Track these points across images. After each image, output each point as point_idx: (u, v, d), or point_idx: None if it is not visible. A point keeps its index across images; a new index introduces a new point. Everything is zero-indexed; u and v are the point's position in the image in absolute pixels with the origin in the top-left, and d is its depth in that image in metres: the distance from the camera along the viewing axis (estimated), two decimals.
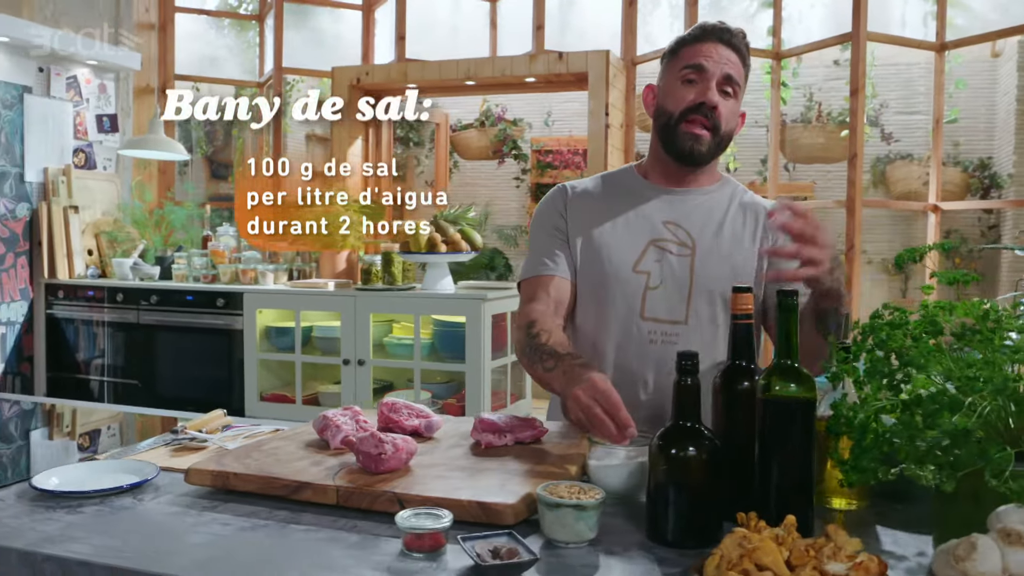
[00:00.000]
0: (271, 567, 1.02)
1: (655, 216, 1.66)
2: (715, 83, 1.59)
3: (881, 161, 6.79)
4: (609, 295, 1.64)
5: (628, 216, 1.67)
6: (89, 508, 1.23)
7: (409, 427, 1.48)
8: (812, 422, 1.09)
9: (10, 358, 4.16)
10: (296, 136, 7.79)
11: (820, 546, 0.92)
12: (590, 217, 1.69)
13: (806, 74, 6.61)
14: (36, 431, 1.93)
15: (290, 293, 3.84)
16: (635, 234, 1.65)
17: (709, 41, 1.61)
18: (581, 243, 1.68)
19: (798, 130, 6.51)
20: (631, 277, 1.63)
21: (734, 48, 1.62)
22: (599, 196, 1.73)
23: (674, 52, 1.66)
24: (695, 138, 1.60)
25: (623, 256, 1.64)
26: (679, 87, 1.62)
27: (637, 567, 1.02)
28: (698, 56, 1.60)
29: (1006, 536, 0.84)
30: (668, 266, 1.62)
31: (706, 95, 1.58)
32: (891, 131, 6.65)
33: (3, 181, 4.10)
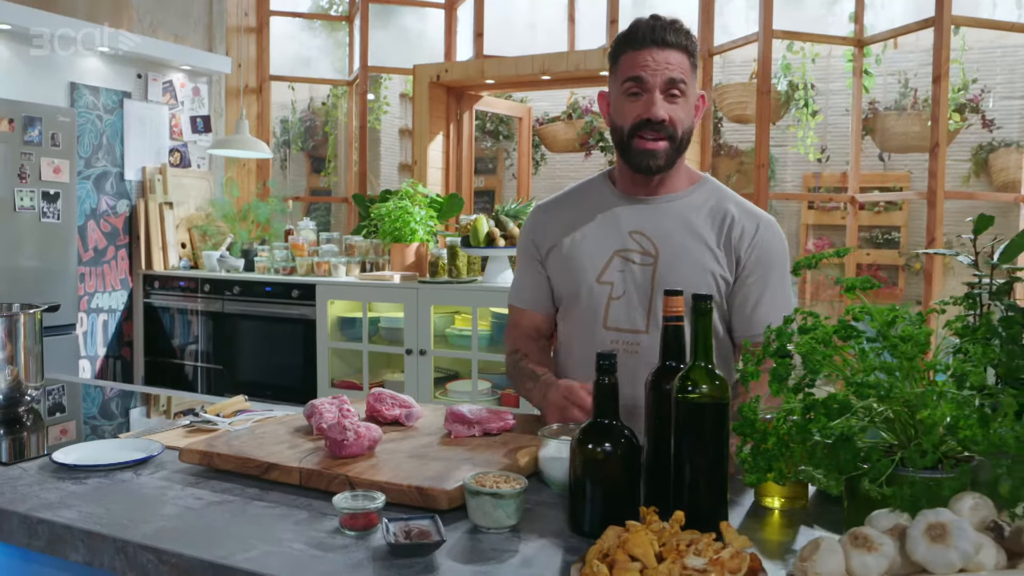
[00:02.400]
0: (216, 536, 1.14)
1: (622, 226, 1.68)
2: (658, 93, 1.57)
3: (983, 149, 6.46)
4: (576, 306, 1.70)
5: (595, 227, 1.70)
6: (93, 480, 1.40)
7: (390, 416, 1.59)
8: (725, 422, 1.13)
9: (111, 343, 4.53)
10: (389, 132, 8.05)
11: (697, 541, 0.97)
12: (559, 231, 1.74)
13: (901, 60, 6.36)
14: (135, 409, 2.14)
15: (358, 285, 4.03)
16: (601, 245, 1.68)
17: (644, 48, 1.57)
18: (552, 258, 1.74)
19: (891, 118, 6.26)
20: (595, 288, 1.66)
21: (672, 46, 1.58)
22: (568, 209, 1.76)
23: (614, 60, 1.64)
24: (650, 153, 1.60)
25: (588, 267, 1.68)
26: (624, 101, 1.61)
27: (542, 553, 1.09)
28: (636, 68, 1.58)
29: (854, 539, 0.87)
30: (631, 276, 1.65)
31: (651, 110, 1.57)
32: (993, 117, 6.31)
33: (105, 180, 4.46)
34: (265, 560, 1.06)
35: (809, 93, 5.37)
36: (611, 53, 1.66)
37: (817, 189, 7.09)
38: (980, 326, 1.09)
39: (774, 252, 1.66)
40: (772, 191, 7.09)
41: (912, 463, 0.94)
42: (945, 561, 0.83)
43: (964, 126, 6.27)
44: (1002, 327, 1.07)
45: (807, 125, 5.32)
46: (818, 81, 6.50)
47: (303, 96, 7.52)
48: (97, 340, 4.46)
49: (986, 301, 1.13)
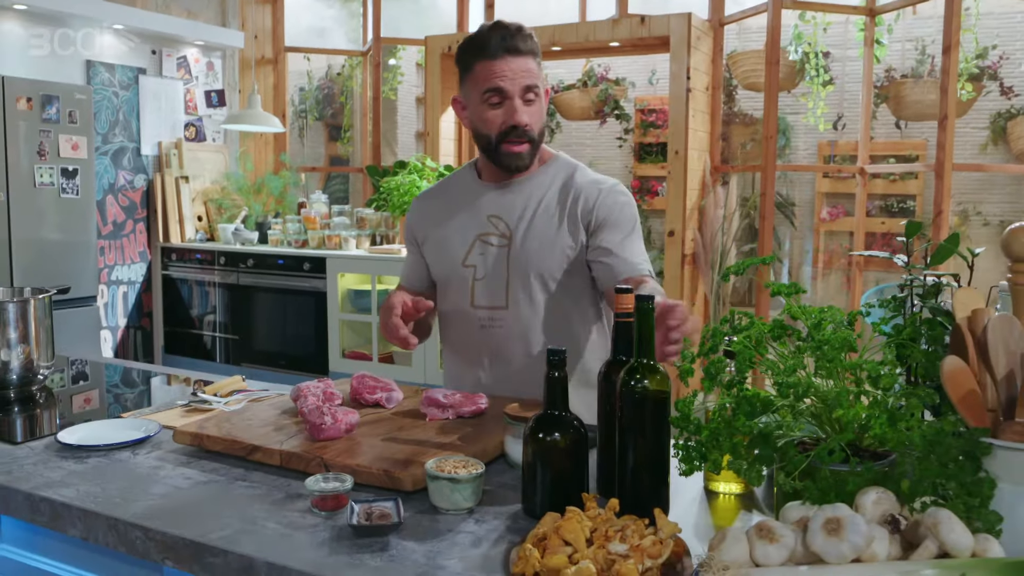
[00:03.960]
0: (198, 515, 1.25)
1: (482, 211, 1.82)
2: (518, 99, 1.68)
3: (1002, 116, 6.39)
4: (448, 288, 1.86)
5: (461, 214, 1.85)
6: (93, 460, 1.51)
7: (371, 400, 1.69)
8: (666, 414, 1.21)
9: (132, 314, 4.68)
10: (406, 100, 8.09)
11: (627, 527, 1.06)
12: (432, 220, 1.90)
13: (919, 26, 6.28)
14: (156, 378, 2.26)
15: (367, 258, 4.13)
16: (465, 231, 1.83)
17: (499, 57, 1.66)
18: (428, 245, 1.91)
19: (907, 85, 6.20)
20: (461, 271, 1.82)
21: (524, 53, 1.68)
22: (440, 199, 1.92)
23: (466, 67, 1.72)
24: (516, 156, 1.74)
25: (454, 253, 1.83)
26: (486, 110, 1.71)
27: (492, 533, 1.19)
28: (494, 78, 1.67)
29: (759, 531, 0.95)
30: (490, 257, 1.80)
31: (515, 117, 1.69)
32: (1012, 84, 6.23)
33: (122, 155, 4.57)
34: (237, 538, 1.17)
35: (821, 63, 5.34)
36: (460, 59, 1.75)
37: (832, 157, 7.06)
38: (906, 327, 1.15)
39: (617, 210, 1.77)
40: (786, 159, 7.08)
41: (821, 459, 1.02)
42: (838, 552, 0.91)
43: (983, 94, 6.20)
44: (926, 329, 1.14)
45: (818, 96, 5.30)
46: (834, 48, 6.45)
47: (319, 65, 7.58)
48: (118, 311, 4.61)
49: (916, 303, 1.19)
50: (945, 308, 1.16)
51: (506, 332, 1.80)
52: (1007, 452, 0.99)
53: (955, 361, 1.03)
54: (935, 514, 0.93)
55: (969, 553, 0.90)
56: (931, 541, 0.92)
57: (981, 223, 6.58)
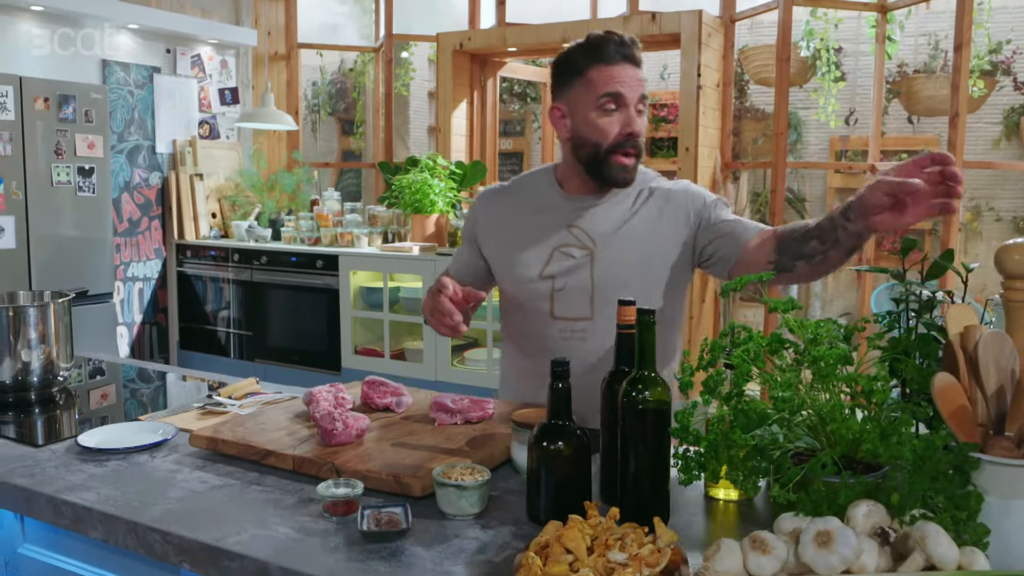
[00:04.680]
0: (215, 519, 1.29)
1: (562, 221, 1.76)
2: (633, 108, 1.65)
3: (1016, 112, 6.36)
4: (522, 301, 1.80)
5: (537, 223, 1.78)
6: (113, 463, 1.56)
7: (381, 404, 1.73)
8: (666, 425, 1.24)
9: (147, 310, 4.75)
10: (418, 95, 8.12)
11: (627, 535, 1.09)
12: (500, 224, 1.83)
13: (932, 21, 6.26)
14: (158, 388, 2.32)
15: (378, 256, 4.17)
16: (542, 241, 1.76)
17: (617, 63, 1.63)
18: (494, 254, 1.84)
19: (919, 81, 6.19)
20: (539, 283, 1.76)
21: (639, 63, 1.67)
22: (511, 203, 1.84)
23: (580, 73, 1.66)
24: (625, 168, 1.68)
25: (531, 264, 1.76)
26: (599, 117, 1.65)
27: (498, 539, 1.23)
28: (613, 83, 1.63)
29: (753, 542, 0.99)
30: (572, 269, 1.74)
31: (632, 126, 1.65)
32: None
33: (137, 154, 4.63)
34: (252, 543, 1.21)
35: (832, 59, 5.33)
36: (571, 65, 1.68)
37: (844, 153, 7.04)
38: (900, 340, 1.18)
39: (703, 194, 1.77)
40: (797, 154, 7.07)
41: (814, 472, 1.05)
42: (827, 564, 0.94)
43: (996, 89, 6.17)
44: (919, 344, 1.17)
45: (828, 92, 5.29)
46: (847, 43, 6.43)
47: (332, 60, 7.62)
48: (133, 307, 4.68)
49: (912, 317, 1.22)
50: (939, 323, 1.18)
51: (589, 344, 1.73)
52: (995, 467, 1.02)
53: (946, 377, 1.06)
54: (923, 528, 0.96)
55: (955, 566, 0.94)
56: (919, 554, 0.95)
57: (994, 219, 6.56)
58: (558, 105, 1.73)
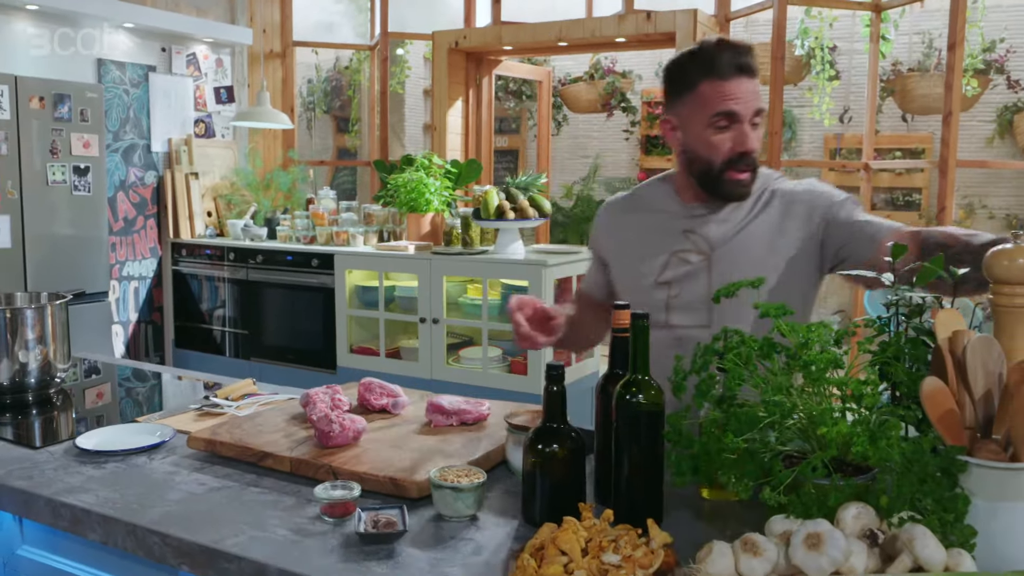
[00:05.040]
0: (213, 521, 1.31)
1: (678, 227, 1.71)
2: (747, 124, 1.58)
3: (1009, 110, 6.39)
4: (640, 307, 1.74)
5: (654, 230, 1.74)
6: (111, 465, 1.57)
7: (378, 405, 1.75)
8: (659, 427, 1.26)
9: (143, 308, 4.75)
10: (413, 92, 8.12)
11: (621, 537, 1.11)
12: (620, 235, 1.81)
13: (926, 20, 6.28)
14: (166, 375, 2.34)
15: (374, 255, 4.18)
16: (658, 247, 1.71)
17: (730, 78, 1.55)
18: (613, 260, 1.83)
19: (913, 79, 6.22)
20: (655, 290, 1.70)
21: (753, 74, 1.58)
22: (630, 212, 1.82)
23: (691, 87, 1.59)
24: (740, 183, 1.62)
25: (647, 270, 1.72)
26: (711, 134, 1.59)
27: (494, 541, 1.24)
28: (726, 101, 1.56)
29: (744, 544, 1.00)
30: (687, 275, 1.68)
31: (746, 143, 1.58)
32: (1019, 78, 6.23)
33: (133, 152, 4.64)
34: (250, 545, 1.22)
35: (827, 57, 5.35)
36: (682, 77, 1.62)
37: (839, 151, 7.07)
38: (890, 345, 1.20)
39: (830, 193, 1.68)
40: (792, 152, 7.09)
41: (805, 475, 1.07)
42: (817, 566, 0.96)
43: (989, 87, 6.20)
44: (909, 348, 1.18)
45: (823, 91, 5.31)
46: (841, 41, 6.45)
47: (327, 57, 7.62)
48: (129, 306, 4.69)
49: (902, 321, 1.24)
50: (928, 327, 1.20)
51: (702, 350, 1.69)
52: (982, 470, 1.04)
53: (934, 381, 1.07)
54: (911, 530, 0.98)
55: (942, 567, 0.95)
56: (906, 555, 0.97)
57: (987, 216, 6.59)
58: (669, 118, 1.68)
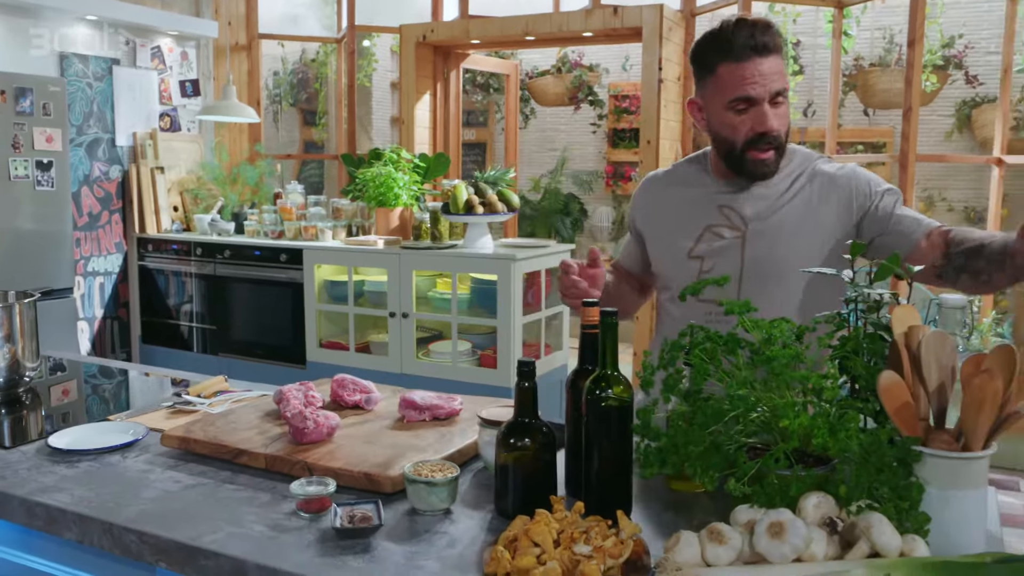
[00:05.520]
0: (189, 518, 1.32)
1: (714, 201, 1.74)
2: (767, 105, 1.60)
3: (967, 104, 6.53)
4: (672, 279, 1.80)
5: (690, 204, 1.78)
6: (84, 464, 1.57)
7: (351, 402, 1.76)
8: (629, 421, 1.29)
9: (108, 304, 4.71)
10: (380, 85, 8.09)
11: (591, 528, 1.15)
12: (658, 207, 1.85)
13: (887, 15, 6.39)
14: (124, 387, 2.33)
15: (343, 250, 4.18)
16: (693, 220, 1.75)
17: (746, 60, 1.58)
18: (649, 233, 1.87)
19: (875, 74, 6.33)
20: (687, 262, 1.74)
21: (772, 51, 1.59)
22: (669, 186, 1.86)
23: (709, 69, 1.63)
24: (763, 163, 1.65)
25: (681, 243, 1.76)
26: (731, 116, 1.63)
27: (467, 534, 1.27)
28: (743, 85, 1.59)
29: (710, 533, 1.04)
30: (721, 249, 1.72)
31: (765, 124, 1.60)
32: (976, 73, 6.37)
33: (97, 147, 4.58)
34: (228, 541, 1.24)
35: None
36: (702, 59, 1.65)
37: (803, 143, 7.17)
38: (849, 340, 1.25)
39: (872, 182, 1.70)
40: None
41: (768, 466, 1.11)
42: (780, 553, 1.00)
43: (948, 83, 6.33)
44: (867, 343, 1.23)
45: None
46: (805, 36, 6.54)
47: (293, 49, 7.56)
48: (94, 302, 4.64)
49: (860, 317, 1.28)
50: (886, 323, 1.25)
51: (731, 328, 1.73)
52: (935, 459, 1.08)
53: (891, 375, 1.12)
54: (868, 517, 1.03)
55: (897, 553, 1.00)
56: (864, 542, 1.01)
57: (946, 208, 6.73)
58: (695, 99, 1.73)
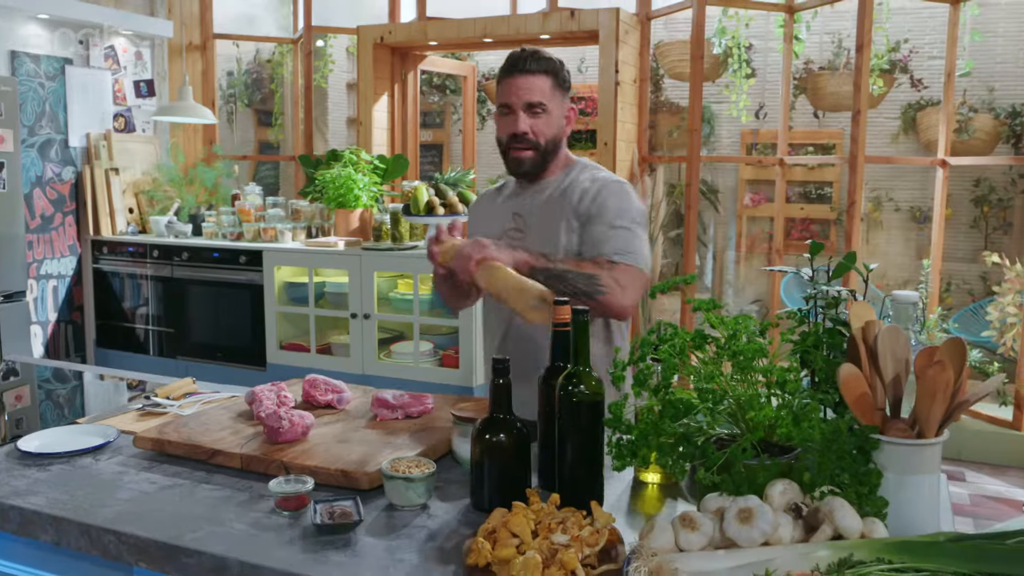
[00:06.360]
0: (168, 518, 1.33)
1: (511, 208, 2.03)
2: (522, 112, 1.90)
3: (912, 107, 6.72)
4: None
5: (499, 210, 2.06)
6: (56, 467, 1.57)
7: (323, 401, 1.78)
8: (600, 417, 1.34)
9: (62, 308, 4.63)
10: (337, 86, 8.05)
11: (567, 519, 1.19)
12: (477, 223, 2.14)
13: (836, 20, 6.55)
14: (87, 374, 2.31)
15: (304, 251, 4.17)
16: (498, 224, 2.03)
17: (514, 75, 1.90)
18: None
19: (824, 77, 6.49)
20: None
21: (537, 72, 1.89)
22: (489, 202, 2.13)
23: (498, 82, 1.94)
24: (518, 161, 1.95)
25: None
26: (500, 119, 1.96)
27: (446, 528, 1.31)
28: (506, 93, 1.91)
29: (682, 520, 1.09)
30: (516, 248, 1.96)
31: (515, 126, 1.91)
32: (921, 77, 6.57)
33: (49, 148, 4.50)
34: (209, 539, 1.26)
35: (743, 56, 5.55)
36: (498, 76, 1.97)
37: (755, 145, 7.32)
38: (810, 335, 1.31)
39: (613, 206, 1.90)
40: (711, 147, 7.32)
41: (736, 456, 1.16)
42: (749, 538, 1.05)
43: (894, 86, 6.51)
44: (827, 338, 1.29)
45: (740, 88, 5.51)
46: (757, 40, 6.68)
47: (248, 49, 7.49)
48: (48, 306, 4.56)
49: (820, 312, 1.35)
50: (844, 319, 1.31)
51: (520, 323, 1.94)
52: (891, 446, 1.15)
53: (850, 368, 1.18)
54: (831, 502, 1.08)
55: (859, 535, 1.06)
56: (827, 526, 1.07)
57: (893, 208, 6.93)
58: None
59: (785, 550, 1.03)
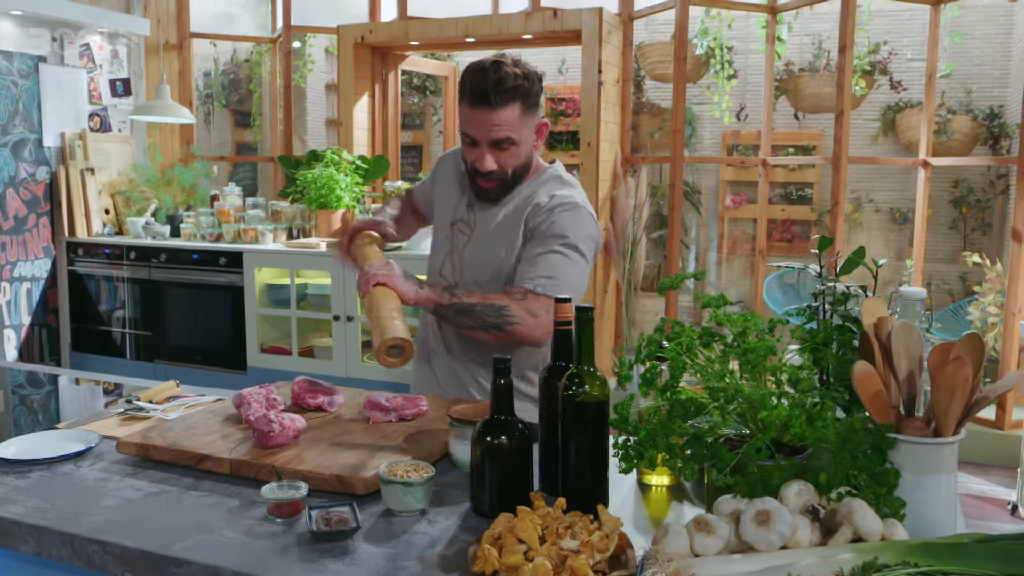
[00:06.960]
0: (155, 527, 1.27)
1: (468, 199, 1.96)
2: (486, 147, 1.80)
3: (892, 109, 6.76)
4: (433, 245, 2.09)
5: (459, 191, 1.99)
6: (36, 474, 1.50)
7: (314, 403, 1.73)
8: (605, 417, 1.30)
9: (36, 311, 4.52)
10: (315, 87, 7.97)
11: (575, 523, 1.14)
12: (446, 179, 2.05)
13: (816, 22, 6.58)
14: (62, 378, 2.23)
15: (285, 253, 4.10)
16: (454, 199, 1.98)
17: (476, 107, 1.76)
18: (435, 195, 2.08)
19: (805, 79, 6.51)
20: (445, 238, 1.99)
21: (504, 105, 1.75)
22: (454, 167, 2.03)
23: (460, 102, 1.82)
24: (484, 191, 1.89)
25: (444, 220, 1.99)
26: (464, 144, 1.85)
27: (446, 534, 1.26)
28: (469, 125, 1.79)
29: (697, 524, 1.05)
30: (458, 241, 1.96)
31: (480, 164, 1.82)
32: (900, 79, 6.61)
33: (23, 147, 4.40)
34: (199, 548, 1.20)
35: (725, 57, 5.55)
36: (459, 86, 1.84)
37: (736, 146, 7.33)
38: (819, 331, 1.27)
39: (557, 228, 1.83)
40: (692, 148, 7.32)
41: (749, 456, 1.13)
42: (767, 541, 1.01)
43: (874, 88, 6.55)
44: (837, 334, 1.26)
45: (722, 89, 5.51)
46: (738, 41, 6.69)
47: (225, 48, 7.39)
48: (21, 309, 4.45)
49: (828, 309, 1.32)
50: (853, 315, 1.28)
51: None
52: (908, 445, 1.12)
53: (864, 365, 1.15)
54: (849, 503, 1.05)
55: (879, 537, 1.02)
56: (847, 527, 1.04)
57: (873, 210, 6.96)
58: None
59: (806, 553, 0.99)
